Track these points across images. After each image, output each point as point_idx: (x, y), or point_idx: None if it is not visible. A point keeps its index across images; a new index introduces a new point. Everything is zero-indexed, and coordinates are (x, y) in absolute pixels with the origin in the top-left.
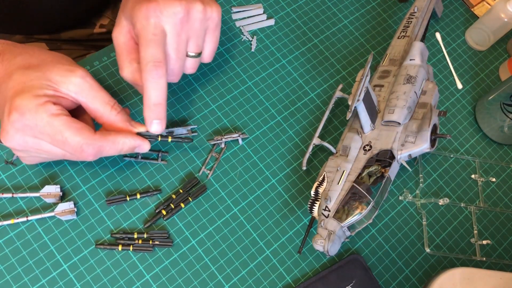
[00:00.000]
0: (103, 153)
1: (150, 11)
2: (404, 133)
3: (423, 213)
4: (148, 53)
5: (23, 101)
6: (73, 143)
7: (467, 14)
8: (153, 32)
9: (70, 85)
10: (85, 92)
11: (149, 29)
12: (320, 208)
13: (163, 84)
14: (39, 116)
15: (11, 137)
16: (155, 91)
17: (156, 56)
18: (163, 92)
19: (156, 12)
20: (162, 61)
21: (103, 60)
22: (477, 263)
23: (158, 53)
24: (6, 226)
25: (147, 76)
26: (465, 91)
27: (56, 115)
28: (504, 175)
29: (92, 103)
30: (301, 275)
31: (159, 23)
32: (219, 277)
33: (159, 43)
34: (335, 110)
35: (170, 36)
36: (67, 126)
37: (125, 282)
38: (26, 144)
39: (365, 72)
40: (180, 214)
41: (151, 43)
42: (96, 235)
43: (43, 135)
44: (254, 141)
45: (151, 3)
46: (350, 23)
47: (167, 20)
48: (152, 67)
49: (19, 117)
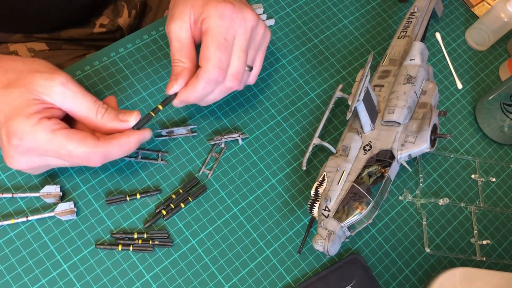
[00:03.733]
0: (110, 157)
1: (226, 10)
2: (404, 133)
3: (423, 213)
4: (215, 56)
5: (18, 125)
6: (79, 154)
7: (467, 14)
8: (226, 37)
9: (53, 96)
10: (69, 100)
11: (222, 31)
12: (320, 208)
13: (212, 90)
14: (39, 136)
15: (17, 161)
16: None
17: (223, 62)
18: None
19: (232, 14)
20: (226, 69)
21: (103, 60)
22: (477, 263)
23: (225, 60)
24: (6, 226)
25: (205, 77)
26: (465, 91)
27: (54, 130)
28: (504, 175)
29: (78, 111)
30: (301, 275)
31: (232, 27)
32: (219, 277)
33: (229, 49)
34: (335, 110)
35: (238, 41)
36: (69, 139)
37: (125, 282)
38: (34, 164)
39: (365, 72)
40: (180, 214)
41: (221, 47)
42: (96, 235)
43: (48, 152)
44: (254, 141)
45: (228, 4)
46: (350, 23)
47: (240, 24)
48: (217, 72)
49: (20, 142)
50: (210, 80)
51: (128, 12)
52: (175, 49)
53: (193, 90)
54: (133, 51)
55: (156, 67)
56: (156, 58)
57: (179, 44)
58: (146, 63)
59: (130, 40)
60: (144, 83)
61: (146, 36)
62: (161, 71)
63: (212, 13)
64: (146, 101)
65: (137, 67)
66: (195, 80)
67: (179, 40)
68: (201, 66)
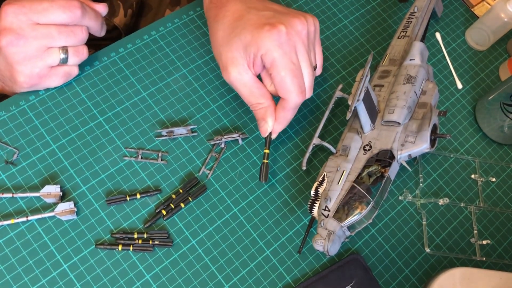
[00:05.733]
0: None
1: (281, 36)
2: (404, 133)
3: (423, 213)
4: (294, 85)
5: None
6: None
7: (467, 14)
8: (292, 61)
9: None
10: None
11: (287, 58)
12: (320, 208)
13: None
14: None
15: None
16: (293, 114)
17: (301, 86)
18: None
19: (287, 35)
20: (304, 89)
21: (103, 60)
22: (477, 263)
23: (302, 81)
24: (6, 226)
25: (292, 106)
26: (465, 91)
27: None
28: (504, 175)
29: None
30: (301, 275)
31: (292, 46)
32: (219, 277)
33: (299, 69)
34: (335, 110)
35: (301, 55)
36: None
37: (125, 282)
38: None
39: (365, 72)
40: (180, 214)
41: (294, 73)
42: (96, 235)
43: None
44: (254, 141)
45: (278, 26)
46: (350, 23)
47: (296, 39)
48: (300, 97)
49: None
50: (296, 106)
51: (124, 11)
52: (246, 95)
53: (285, 120)
54: (133, 51)
55: (156, 67)
56: (156, 58)
57: (247, 89)
58: (146, 63)
59: (130, 40)
60: (144, 83)
61: (146, 36)
62: (161, 71)
63: (268, 45)
64: (146, 101)
65: (137, 67)
66: (284, 111)
67: (246, 85)
68: (284, 98)
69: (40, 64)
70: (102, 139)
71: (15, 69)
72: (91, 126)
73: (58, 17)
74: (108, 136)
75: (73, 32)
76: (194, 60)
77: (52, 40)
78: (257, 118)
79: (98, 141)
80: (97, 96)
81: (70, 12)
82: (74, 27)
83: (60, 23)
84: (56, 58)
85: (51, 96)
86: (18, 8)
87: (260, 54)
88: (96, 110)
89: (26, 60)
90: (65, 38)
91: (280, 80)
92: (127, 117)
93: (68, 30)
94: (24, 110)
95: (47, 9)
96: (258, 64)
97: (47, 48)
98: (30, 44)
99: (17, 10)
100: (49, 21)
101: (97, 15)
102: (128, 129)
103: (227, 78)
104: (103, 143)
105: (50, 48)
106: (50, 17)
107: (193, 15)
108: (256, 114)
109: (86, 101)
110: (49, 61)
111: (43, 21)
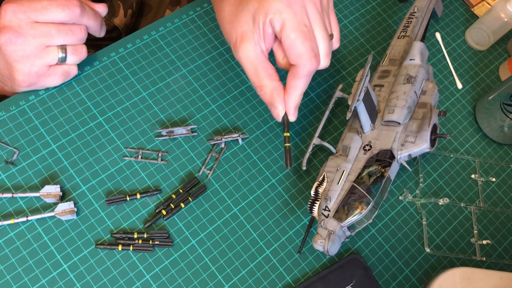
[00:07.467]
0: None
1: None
2: (404, 133)
3: (423, 213)
4: (305, 48)
5: None
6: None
7: (467, 14)
8: (304, 22)
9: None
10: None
11: (298, 19)
12: (320, 208)
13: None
14: None
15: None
16: (306, 84)
17: (314, 49)
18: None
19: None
20: (318, 53)
21: (103, 60)
22: (477, 263)
23: (315, 45)
24: (6, 226)
25: (305, 73)
26: (465, 91)
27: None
28: (504, 175)
29: None
30: (301, 275)
31: (302, 7)
32: (219, 277)
33: (312, 32)
34: (335, 110)
35: (313, 17)
36: None
37: (125, 282)
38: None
39: (365, 72)
40: (180, 214)
41: (306, 36)
42: (96, 235)
43: None
44: (254, 141)
45: None
46: (350, 23)
47: (307, 1)
48: (314, 62)
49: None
50: (310, 72)
51: (124, 11)
52: (251, 73)
53: (297, 90)
54: (133, 51)
55: (156, 67)
56: (156, 58)
57: (253, 67)
58: (146, 63)
59: (130, 40)
60: (144, 83)
61: (146, 36)
62: (161, 71)
63: (276, 7)
64: (146, 101)
65: (137, 67)
66: (295, 79)
67: (252, 63)
68: (295, 64)
69: (38, 63)
70: (102, 139)
71: (14, 68)
72: (91, 126)
73: (57, 15)
74: (108, 136)
75: (72, 30)
76: (194, 60)
77: (51, 38)
78: (266, 102)
79: (98, 141)
80: (97, 96)
81: (69, 11)
82: (73, 26)
83: (59, 22)
84: (54, 57)
85: (51, 96)
86: (17, 6)
87: (268, 19)
88: (96, 110)
89: (25, 59)
90: (63, 36)
91: (290, 43)
92: (127, 117)
93: (67, 28)
94: (24, 110)
95: (46, 7)
96: (269, 34)
97: (45, 47)
98: (29, 43)
99: (16, 8)
100: (48, 20)
101: (96, 15)
102: (128, 129)
103: (236, 55)
104: (103, 143)
105: (49, 46)
106: (49, 16)
107: (193, 15)
108: (263, 99)
109: (86, 101)
110: (47, 59)
111: (42, 19)
